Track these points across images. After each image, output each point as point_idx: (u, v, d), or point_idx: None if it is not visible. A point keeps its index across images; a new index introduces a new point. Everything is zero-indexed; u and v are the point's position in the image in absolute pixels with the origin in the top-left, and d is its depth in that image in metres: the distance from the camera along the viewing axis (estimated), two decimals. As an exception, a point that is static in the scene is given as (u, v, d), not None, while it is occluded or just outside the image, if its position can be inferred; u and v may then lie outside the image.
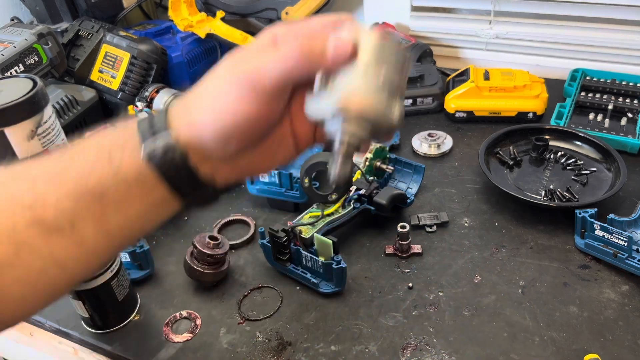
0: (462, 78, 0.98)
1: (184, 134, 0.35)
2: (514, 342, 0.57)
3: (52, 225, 0.34)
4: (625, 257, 0.62)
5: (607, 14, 1.01)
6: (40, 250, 0.34)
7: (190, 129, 0.35)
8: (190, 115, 0.35)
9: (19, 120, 0.45)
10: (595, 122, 0.89)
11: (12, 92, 0.45)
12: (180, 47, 1.12)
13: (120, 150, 0.34)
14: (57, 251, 0.34)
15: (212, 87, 0.35)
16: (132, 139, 0.35)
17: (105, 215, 0.35)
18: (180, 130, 0.35)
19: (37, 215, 0.33)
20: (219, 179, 0.37)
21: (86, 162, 0.35)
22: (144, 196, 0.35)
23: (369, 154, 0.77)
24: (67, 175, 0.34)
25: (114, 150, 0.35)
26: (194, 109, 0.35)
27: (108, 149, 0.35)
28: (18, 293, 0.35)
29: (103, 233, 0.35)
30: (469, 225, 0.73)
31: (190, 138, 0.35)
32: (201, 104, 0.35)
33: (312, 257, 0.64)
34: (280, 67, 0.33)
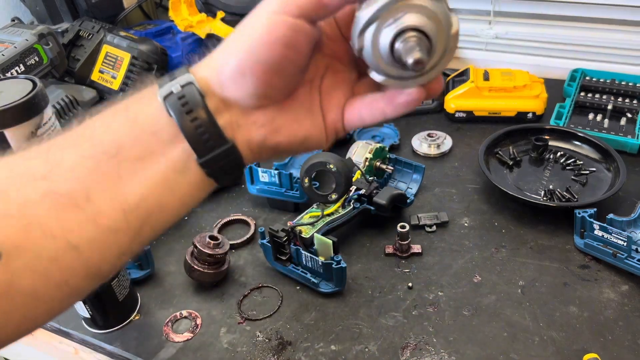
0: (461, 78, 0.98)
1: (202, 73, 0.33)
2: (514, 342, 0.57)
3: (66, 196, 0.31)
4: (625, 257, 0.62)
5: (606, 14, 1.01)
6: (52, 229, 0.31)
7: (209, 68, 0.33)
8: (211, 58, 0.33)
9: (18, 121, 0.45)
10: (595, 122, 0.89)
11: (12, 93, 0.45)
12: (180, 48, 1.12)
13: (138, 102, 0.33)
14: (70, 228, 0.31)
15: (237, 30, 0.33)
16: (151, 91, 0.33)
17: (121, 179, 0.32)
18: (199, 70, 0.33)
19: (51, 186, 0.31)
20: (241, 141, 0.34)
21: (103, 121, 0.33)
22: (161, 154, 0.32)
23: (369, 154, 0.77)
24: (82, 137, 0.32)
25: (131, 102, 0.33)
26: (215, 52, 0.34)
27: (125, 104, 0.33)
28: (28, 285, 0.31)
29: (119, 207, 0.32)
30: (468, 225, 0.74)
31: (209, 76, 0.33)
32: (223, 45, 0.33)
33: (312, 257, 0.64)
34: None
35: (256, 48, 0.31)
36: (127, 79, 1.03)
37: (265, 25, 0.31)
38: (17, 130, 0.45)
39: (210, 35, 1.12)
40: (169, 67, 1.10)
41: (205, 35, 1.12)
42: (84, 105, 0.98)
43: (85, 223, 0.32)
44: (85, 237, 0.32)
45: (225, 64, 0.32)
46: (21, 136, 0.46)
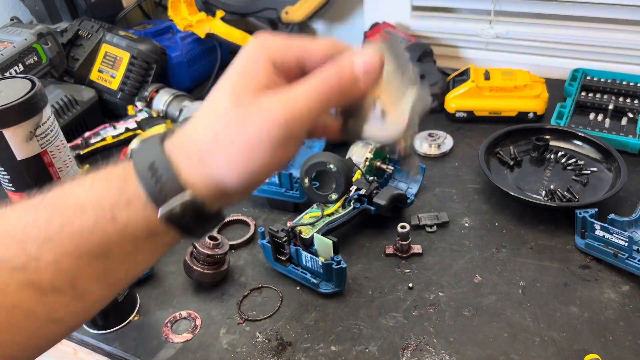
0: (462, 78, 0.98)
1: (202, 191, 0.32)
2: (515, 343, 0.57)
3: (49, 286, 0.31)
4: (626, 257, 0.62)
5: (607, 14, 1.01)
6: (35, 311, 0.31)
7: (210, 185, 0.32)
8: (209, 170, 0.32)
9: (17, 121, 0.45)
10: (596, 122, 0.89)
11: (10, 93, 0.45)
12: (179, 47, 1.12)
13: (126, 210, 0.32)
14: (55, 309, 0.32)
15: (231, 135, 0.31)
16: (138, 197, 0.32)
17: (110, 270, 0.33)
18: (199, 188, 0.32)
19: (31, 277, 0.31)
20: (229, 206, 0.35)
21: (85, 222, 0.32)
22: (152, 246, 0.34)
23: (369, 154, 0.77)
24: (63, 235, 0.31)
25: (117, 209, 0.32)
26: (212, 162, 0.32)
27: (109, 209, 0.32)
28: (8, 354, 0.32)
29: (106, 285, 0.33)
30: (469, 226, 0.73)
31: (211, 193, 0.33)
32: (221, 156, 0.32)
33: (312, 257, 0.64)
34: (315, 106, 0.32)
35: (271, 168, 0.33)
36: (127, 78, 1.03)
37: (281, 149, 0.32)
38: (16, 130, 0.45)
39: (210, 34, 1.12)
40: (168, 67, 1.10)
41: (204, 35, 1.12)
42: (83, 104, 0.98)
43: (71, 302, 0.32)
44: (70, 312, 0.33)
45: (230, 183, 0.32)
46: (20, 136, 0.46)
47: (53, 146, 0.49)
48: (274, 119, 0.31)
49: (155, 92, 1.00)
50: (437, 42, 1.18)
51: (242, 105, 0.31)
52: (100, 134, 0.90)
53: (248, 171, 0.32)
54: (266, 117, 0.31)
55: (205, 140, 0.32)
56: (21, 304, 0.31)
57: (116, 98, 1.03)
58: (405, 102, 0.36)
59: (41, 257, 0.31)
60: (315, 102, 0.31)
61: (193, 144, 0.32)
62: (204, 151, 0.32)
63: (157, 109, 0.98)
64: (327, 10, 1.25)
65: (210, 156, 0.32)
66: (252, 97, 0.31)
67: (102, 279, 0.33)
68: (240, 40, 1.12)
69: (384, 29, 0.29)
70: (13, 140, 0.46)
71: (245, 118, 0.31)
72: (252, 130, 0.31)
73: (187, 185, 0.32)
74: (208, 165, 0.32)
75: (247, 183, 0.32)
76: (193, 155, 0.32)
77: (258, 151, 0.31)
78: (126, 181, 0.32)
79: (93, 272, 0.32)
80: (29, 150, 0.47)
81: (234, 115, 0.31)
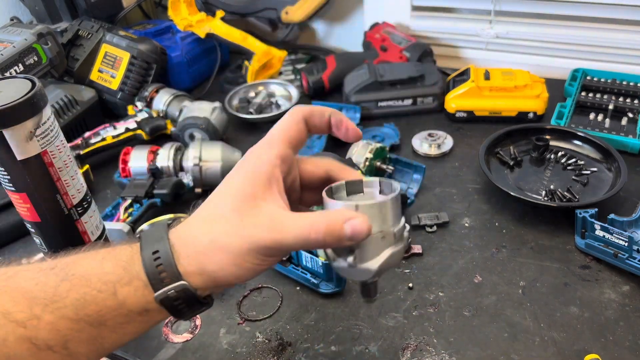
0: (462, 78, 0.98)
1: (197, 282, 0.38)
2: (515, 343, 0.57)
3: (44, 344, 0.35)
4: (626, 257, 0.62)
5: (607, 14, 1.01)
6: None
7: (205, 279, 0.38)
8: (205, 266, 0.37)
9: (17, 121, 0.45)
10: (596, 122, 0.89)
11: (10, 93, 0.45)
12: (179, 47, 1.12)
13: (127, 287, 0.37)
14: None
15: (226, 243, 0.37)
16: (140, 279, 0.37)
17: (101, 338, 0.37)
18: (194, 279, 0.37)
19: (30, 333, 0.34)
20: (219, 292, 0.40)
21: (89, 293, 0.36)
22: (143, 321, 0.38)
23: (369, 154, 0.77)
24: (66, 300, 0.36)
25: (119, 285, 0.36)
26: (208, 260, 0.37)
27: (112, 284, 0.36)
28: None
29: (95, 349, 0.37)
30: (469, 226, 0.73)
31: (205, 285, 0.38)
32: (217, 257, 0.37)
33: (312, 257, 0.64)
34: (301, 240, 0.37)
35: (258, 272, 0.39)
36: (127, 78, 1.03)
37: (266, 263, 0.38)
38: (16, 130, 0.45)
39: (210, 34, 1.12)
40: (168, 67, 1.10)
41: (204, 35, 1.12)
42: (83, 104, 0.98)
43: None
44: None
45: (222, 280, 0.38)
46: (20, 136, 0.46)
47: (53, 146, 0.49)
48: (264, 239, 0.36)
49: (155, 92, 1.00)
50: (437, 42, 1.18)
51: (242, 214, 0.37)
52: (101, 134, 0.90)
53: (238, 273, 0.37)
54: (259, 235, 0.37)
55: (203, 242, 0.37)
56: (17, 356, 0.34)
57: (116, 98, 1.03)
58: (377, 259, 0.39)
59: (42, 317, 0.35)
60: (300, 240, 0.37)
61: (193, 242, 0.38)
62: (201, 251, 0.37)
63: (157, 109, 0.99)
64: (327, 10, 1.25)
65: (206, 257, 0.37)
66: (252, 207, 0.37)
67: (92, 343, 0.36)
68: (240, 40, 1.12)
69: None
70: (13, 140, 0.46)
71: (241, 228, 0.37)
72: (245, 242, 0.37)
73: (183, 275, 0.37)
74: (203, 263, 0.37)
75: (236, 280, 0.38)
76: (191, 252, 0.38)
77: (247, 260, 0.37)
78: (132, 262, 0.37)
79: (85, 337, 0.36)
80: (29, 150, 0.47)
81: (231, 225, 0.37)
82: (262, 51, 1.10)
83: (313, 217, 0.37)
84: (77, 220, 0.53)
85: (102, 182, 0.89)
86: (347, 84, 1.01)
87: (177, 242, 0.38)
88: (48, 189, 0.50)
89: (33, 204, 0.50)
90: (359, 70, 1.02)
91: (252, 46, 1.11)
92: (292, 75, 1.19)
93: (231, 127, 1.00)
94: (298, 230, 0.37)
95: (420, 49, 1.07)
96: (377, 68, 1.00)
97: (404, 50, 1.08)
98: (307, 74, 1.07)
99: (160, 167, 0.82)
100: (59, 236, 0.53)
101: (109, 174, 0.88)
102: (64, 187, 0.51)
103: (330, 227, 0.36)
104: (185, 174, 0.81)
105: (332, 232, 0.36)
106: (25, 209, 0.50)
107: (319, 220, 0.37)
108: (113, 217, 0.74)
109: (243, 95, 1.06)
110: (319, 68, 1.08)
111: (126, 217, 0.73)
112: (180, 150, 0.84)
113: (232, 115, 1.00)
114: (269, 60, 1.12)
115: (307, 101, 1.03)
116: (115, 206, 0.76)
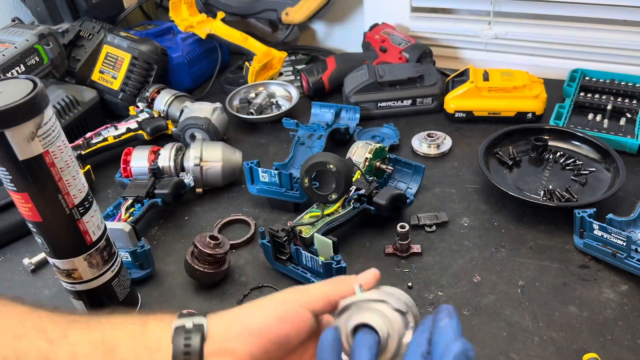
0: (461, 78, 0.98)
1: (214, 322, 0.38)
2: (514, 342, 0.57)
3: None
4: (624, 256, 0.62)
5: (606, 15, 1.01)
6: None
7: (222, 319, 0.39)
8: (228, 312, 0.39)
9: (19, 122, 0.45)
10: (594, 122, 0.89)
11: (12, 93, 0.45)
12: (180, 48, 1.12)
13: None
14: None
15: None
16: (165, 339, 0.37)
17: None
18: (213, 319, 0.39)
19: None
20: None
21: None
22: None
23: (369, 154, 0.77)
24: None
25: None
26: (233, 310, 0.39)
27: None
28: None
29: None
30: (468, 225, 0.74)
31: (218, 327, 0.38)
32: (243, 307, 0.40)
33: (312, 257, 0.64)
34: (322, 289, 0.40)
35: (269, 319, 0.38)
36: (128, 79, 1.03)
37: (282, 307, 0.39)
38: (18, 131, 0.45)
39: (211, 35, 1.13)
40: (169, 67, 1.10)
41: (205, 36, 1.13)
42: (84, 105, 0.98)
43: None
44: None
45: (240, 320, 0.39)
46: (22, 136, 0.46)
47: (55, 146, 0.49)
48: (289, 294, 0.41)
49: (157, 92, 1.01)
50: (437, 43, 1.18)
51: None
52: (102, 134, 0.90)
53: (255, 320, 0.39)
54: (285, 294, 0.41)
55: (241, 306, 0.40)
56: None
57: (117, 98, 1.04)
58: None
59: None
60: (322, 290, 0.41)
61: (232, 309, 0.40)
62: (233, 309, 0.40)
63: (158, 110, 0.99)
64: (326, 11, 1.25)
65: (234, 310, 0.40)
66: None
67: None
68: (241, 41, 1.12)
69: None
70: (15, 141, 0.46)
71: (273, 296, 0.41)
72: (271, 297, 0.41)
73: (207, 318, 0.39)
74: (230, 313, 0.40)
75: (252, 330, 0.38)
76: (226, 311, 0.40)
77: (267, 307, 0.40)
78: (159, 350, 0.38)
79: None
80: (31, 151, 0.47)
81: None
82: (262, 52, 1.11)
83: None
84: (79, 220, 0.53)
85: (103, 182, 0.89)
86: (347, 84, 1.02)
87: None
88: (50, 189, 0.50)
89: (35, 203, 0.50)
90: (358, 71, 1.02)
91: (252, 47, 1.12)
92: (292, 75, 1.19)
93: (232, 128, 1.00)
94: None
95: (419, 49, 1.08)
96: (377, 69, 1.00)
97: (403, 51, 1.08)
98: (307, 74, 1.08)
99: (161, 167, 0.82)
100: (61, 236, 0.53)
101: (110, 174, 0.88)
102: (65, 187, 0.51)
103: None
104: (186, 174, 0.81)
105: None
106: (26, 209, 0.51)
107: None
108: (114, 217, 0.74)
109: (243, 96, 1.07)
110: (319, 69, 1.08)
111: (127, 217, 0.73)
112: (181, 150, 0.84)
113: (232, 116, 1.01)
114: (269, 61, 1.12)
115: (307, 101, 1.03)
116: (117, 206, 0.76)
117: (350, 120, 0.96)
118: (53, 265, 0.57)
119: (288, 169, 0.83)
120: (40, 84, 0.47)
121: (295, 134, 0.90)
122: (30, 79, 0.48)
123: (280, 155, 0.93)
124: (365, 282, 0.41)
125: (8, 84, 0.48)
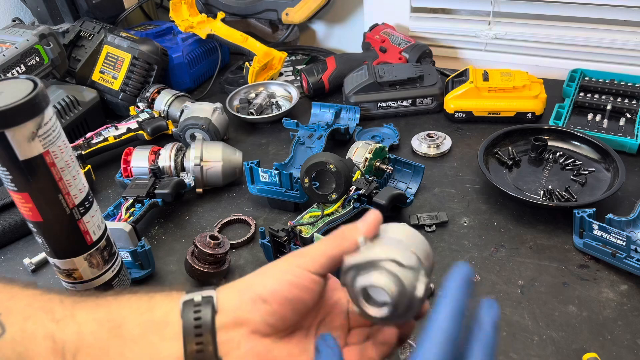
0: (461, 78, 0.98)
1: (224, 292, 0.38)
2: (513, 342, 0.57)
3: None
4: (624, 256, 0.63)
5: (606, 15, 1.01)
6: None
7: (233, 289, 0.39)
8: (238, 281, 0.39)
9: (19, 122, 0.45)
10: (594, 122, 0.89)
11: (13, 93, 0.45)
12: (181, 48, 1.12)
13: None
14: None
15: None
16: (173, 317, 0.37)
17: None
18: (222, 290, 0.38)
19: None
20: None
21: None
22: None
23: (368, 154, 0.77)
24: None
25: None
26: (243, 279, 0.39)
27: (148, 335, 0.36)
28: None
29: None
30: (468, 225, 0.74)
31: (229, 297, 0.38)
32: (251, 275, 0.39)
33: (312, 257, 0.64)
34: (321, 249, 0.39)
35: (280, 285, 0.37)
36: (128, 79, 1.03)
37: (290, 272, 0.38)
38: (18, 131, 0.46)
39: (211, 35, 1.13)
40: (169, 68, 1.11)
41: (205, 36, 1.13)
42: (84, 105, 0.99)
43: None
44: None
45: (250, 289, 0.38)
46: (22, 136, 0.46)
47: (55, 146, 0.49)
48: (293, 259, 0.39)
49: (157, 92, 1.01)
50: (436, 43, 1.18)
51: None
52: (102, 134, 0.90)
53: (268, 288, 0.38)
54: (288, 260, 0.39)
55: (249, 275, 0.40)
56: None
57: (118, 99, 1.04)
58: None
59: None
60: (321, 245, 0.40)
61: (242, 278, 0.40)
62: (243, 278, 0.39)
63: (159, 110, 0.99)
64: (326, 11, 1.25)
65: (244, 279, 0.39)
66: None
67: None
68: (241, 42, 1.13)
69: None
70: (15, 141, 0.46)
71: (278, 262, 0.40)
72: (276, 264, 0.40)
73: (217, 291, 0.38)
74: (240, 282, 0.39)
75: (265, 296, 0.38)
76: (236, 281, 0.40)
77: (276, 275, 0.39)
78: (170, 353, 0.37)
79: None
80: (31, 151, 0.47)
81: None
82: (262, 52, 1.11)
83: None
84: (79, 220, 0.53)
85: (103, 182, 0.89)
86: (347, 84, 1.02)
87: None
88: (50, 189, 0.50)
89: (35, 203, 0.50)
90: (358, 71, 1.03)
91: (252, 47, 1.12)
92: (292, 76, 1.19)
93: (232, 128, 1.00)
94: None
95: (419, 50, 1.08)
96: (377, 69, 1.01)
97: (403, 52, 1.08)
98: (307, 74, 1.08)
99: (162, 167, 0.82)
100: (61, 236, 0.54)
101: (111, 174, 0.89)
102: (65, 187, 0.51)
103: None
104: (186, 174, 0.82)
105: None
106: (27, 209, 0.51)
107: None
108: (115, 216, 0.74)
109: (243, 96, 1.07)
110: (319, 69, 1.08)
111: (128, 217, 0.73)
112: (182, 150, 0.84)
113: (232, 116, 1.01)
114: (269, 61, 1.12)
115: (307, 102, 1.04)
116: (117, 206, 0.76)
117: (350, 121, 0.96)
118: (53, 265, 0.57)
119: (288, 169, 0.83)
120: (41, 84, 0.47)
121: (295, 134, 0.90)
122: (30, 79, 0.48)
123: (280, 155, 0.93)
124: (367, 230, 0.39)
125: (8, 84, 0.48)
